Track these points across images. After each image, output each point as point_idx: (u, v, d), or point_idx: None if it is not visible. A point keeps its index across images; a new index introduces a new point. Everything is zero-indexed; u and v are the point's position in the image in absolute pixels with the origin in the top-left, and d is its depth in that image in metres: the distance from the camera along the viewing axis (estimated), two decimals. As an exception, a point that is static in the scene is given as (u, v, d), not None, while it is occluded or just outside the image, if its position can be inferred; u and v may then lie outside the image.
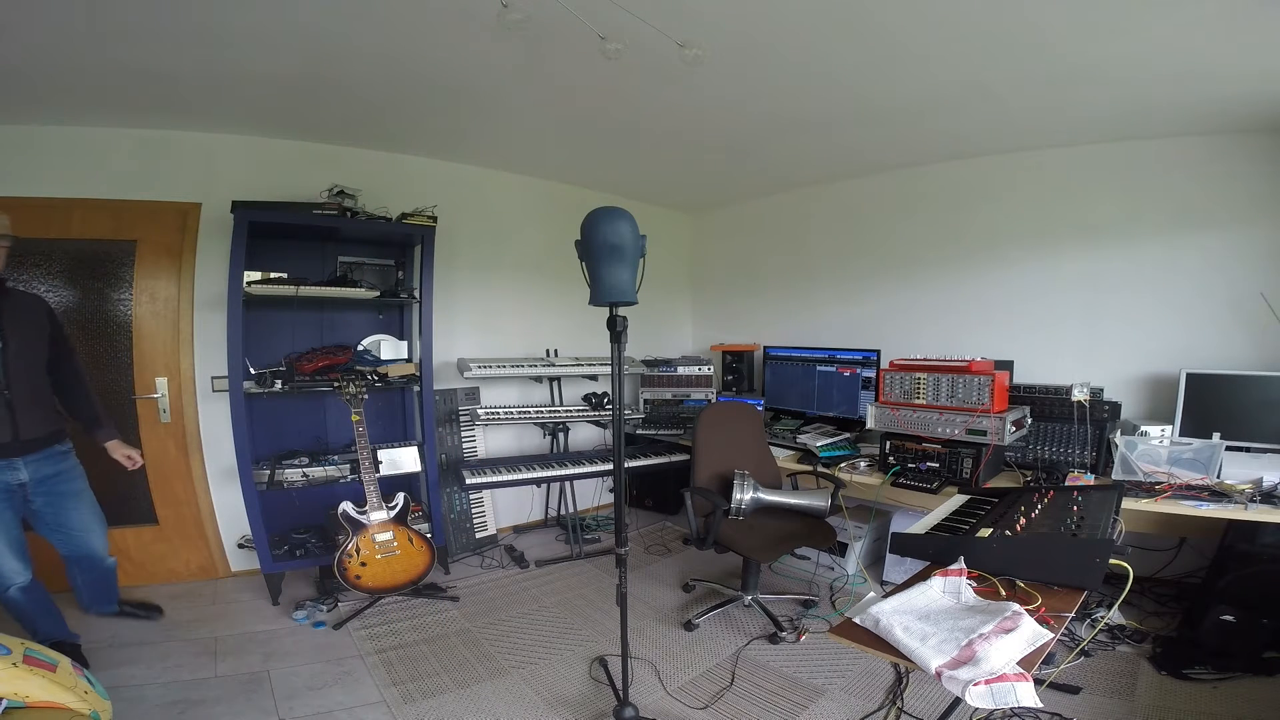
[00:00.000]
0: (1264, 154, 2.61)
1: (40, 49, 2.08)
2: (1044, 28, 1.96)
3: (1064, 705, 2.00)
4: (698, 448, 2.86)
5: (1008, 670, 1.03)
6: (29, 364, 2.09)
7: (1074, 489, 1.87)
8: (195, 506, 3.07)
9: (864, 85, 2.46)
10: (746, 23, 1.98)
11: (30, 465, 2.09)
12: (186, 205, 2.97)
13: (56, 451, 2.19)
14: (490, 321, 3.90)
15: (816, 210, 4.11)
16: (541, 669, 2.37)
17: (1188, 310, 2.79)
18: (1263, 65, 2.08)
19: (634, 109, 2.77)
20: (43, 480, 2.13)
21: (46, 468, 2.14)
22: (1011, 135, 3.00)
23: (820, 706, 2.10)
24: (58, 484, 2.18)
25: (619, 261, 1.71)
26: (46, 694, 1.52)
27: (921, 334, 3.56)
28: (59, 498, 2.19)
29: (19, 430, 2.03)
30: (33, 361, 2.11)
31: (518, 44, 2.12)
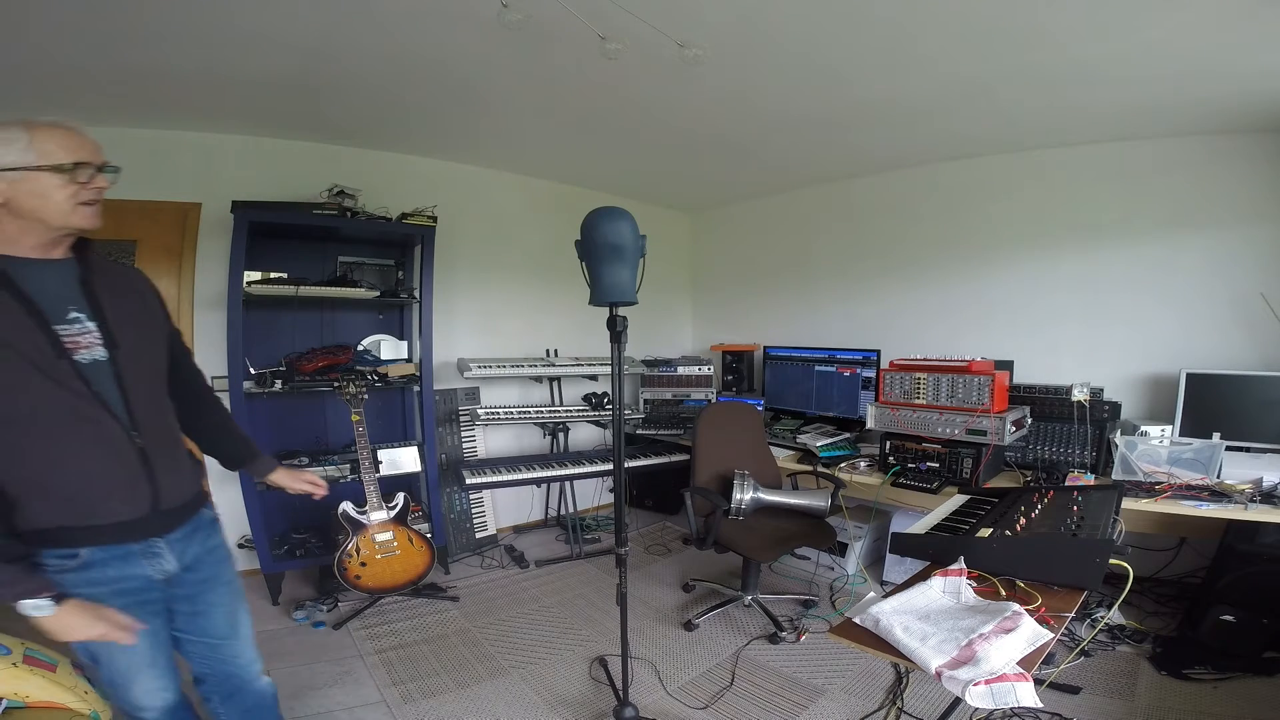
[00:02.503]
0: (1264, 154, 2.61)
1: (40, 49, 2.08)
2: (1044, 28, 1.96)
3: (1064, 705, 2.00)
4: (698, 448, 2.85)
5: (1008, 670, 1.03)
6: (151, 380, 1.29)
7: (1074, 489, 1.87)
8: (195, 506, 3.07)
9: (864, 85, 2.46)
10: (746, 22, 1.98)
11: (175, 546, 1.28)
12: (186, 205, 2.97)
13: (204, 520, 1.41)
14: (490, 321, 3.90)
15: (816, 210, 4.11)
16: (541, 669, 2.37)
17: (1188, 310, 2.79)
18: (1263, 64, 2.08)
19: (634, 109, 2.77)
20: (187, 568, 1.32)
21: (194, 547, 1.34)
22: (1011, 135, 3.00)
23: (820, 706, 2.10)
24: (204, 569, 1.36)
25: (619, 261, 1.71)
26: (46, 694, 1.52)
27: (922, 334, 3.56)
28: (204, 589, 1.36)
29: (160, 494, 1.23)
30: (155, 375, 1.31)
31: (518, 44, 2.12)
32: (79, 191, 1.11)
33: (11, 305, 1.07)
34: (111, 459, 1.17)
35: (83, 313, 1.16)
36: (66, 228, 1.13)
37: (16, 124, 1.08)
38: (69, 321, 1.13)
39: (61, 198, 1.10)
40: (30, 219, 1.09)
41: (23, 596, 1.04)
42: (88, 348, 1.14)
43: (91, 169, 1.13)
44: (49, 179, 1.08)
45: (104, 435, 1.15)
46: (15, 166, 1.06)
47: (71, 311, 1.15)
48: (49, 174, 1.08)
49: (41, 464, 1.10)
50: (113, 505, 1.17)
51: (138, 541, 1.21)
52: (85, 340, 1.14)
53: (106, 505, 1.16)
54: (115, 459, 1.17)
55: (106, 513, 1.16)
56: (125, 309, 1.24)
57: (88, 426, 1.14)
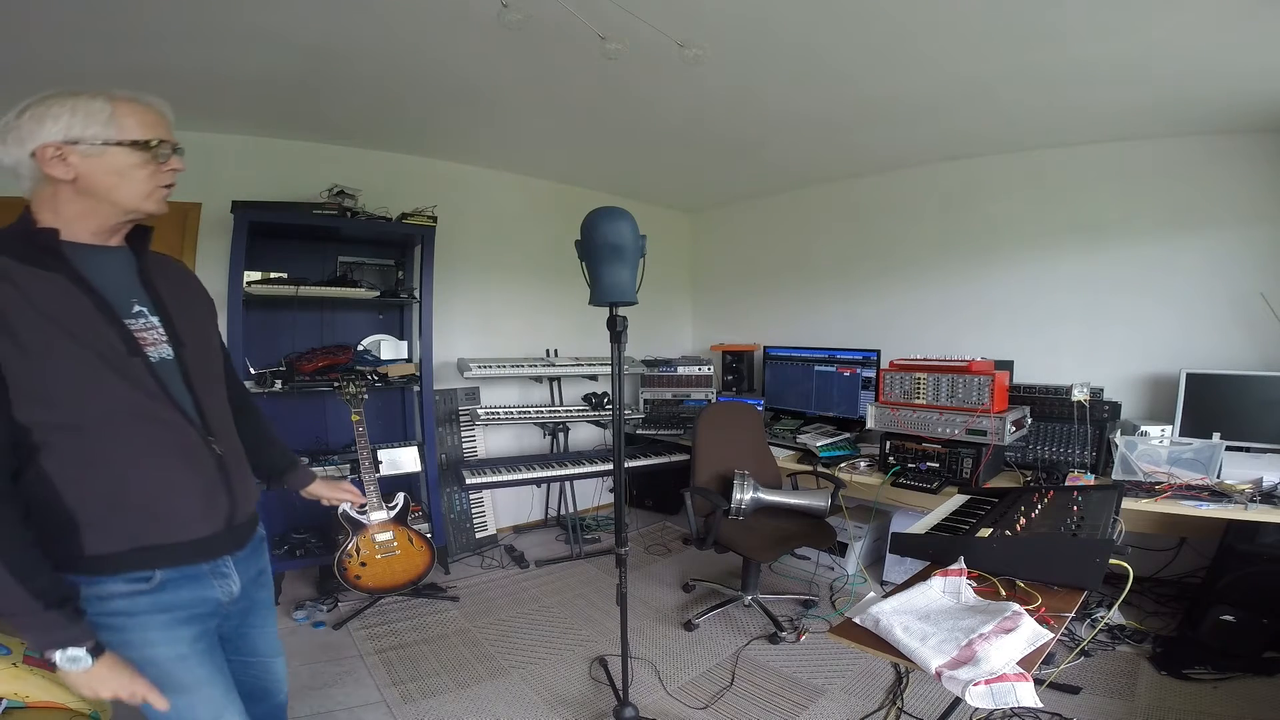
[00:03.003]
0: (1264, 154, 2.61)
1: (40, 49, 2.08)
2: (1045, 27, 1.96)
3: (1064, 705, 2.00)
4: (698, 448, 2.85)
5: (1008, 670, 1.03)
6: (216, 382, 1.16)
7: (1074, 489, 1.87)
8: (195, 506, 3.07)
9: (865, 84, 2.46)
10: (747, 21, 1.98)
11: (241, 566, 1.15)
12: (186, 205, 2.97)
13: (258, 538, 1.26)
14: (490, 321, 3.90)
15: (817, 210, 4.11)
16: (541, 669, 2.37)
17: (1187, 310, 2.79)
18: (1263, 64, 2.08)
19: (634, 109, 2.77)
20: (244, 588, 1.17)
21: (252, 566, 1.22)
22: (1011, 135, 3.00)
23: (820, 706, 2.10)
24: (255, 592, 1.23)
25: (619, 261, 1.71)
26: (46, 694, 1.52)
27: (921, 334, 3.56)
28: (252, 611, 1.24)
29: (236, 506, 1.12)
30: (217, 377, 1.18)
31: (518, 44, 2.12)
32: (156, 173, 1.02)
33: (80, 297, 0.95)
34: (190, 468, 1.04)
35: (145, 306, 1.05)
36: (137, 212, 1.03)
37: (100, 93, 1.00)
38: (134, 315, 1.03)
39: (140, 178, 1.01)
40: (101, 199, 0.99)
41: (59, 646, 0.89)
42: (154, 345, 1.03)
43: (169, 148, 1.04)
44: (129, 156, 0.99)
45: (182, 442, 1.03)
46: (95, 140, 0.97)
47: (135, 305, 1.04)
48: (130, 151, 0.99)
49: (116, 476, 0.96)
50: (192, 520, 1.04)
51: (209, 560, 1.07)
52: (151, 337, 1.04)
53: (186, 520, 1.03)
54: (194, 468, 1.04)
55: (185, 529, 1.03)
56: (184, 305, 1.13)
57: (165, 432, 1.01)
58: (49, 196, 0.97)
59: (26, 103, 0.98)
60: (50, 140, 0.94)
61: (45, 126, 0.95)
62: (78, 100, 0.98)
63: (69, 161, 0.95)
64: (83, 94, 0.99)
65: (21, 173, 0.97)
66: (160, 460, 1.00)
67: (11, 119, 0.97)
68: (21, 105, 0.98)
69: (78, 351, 0.93)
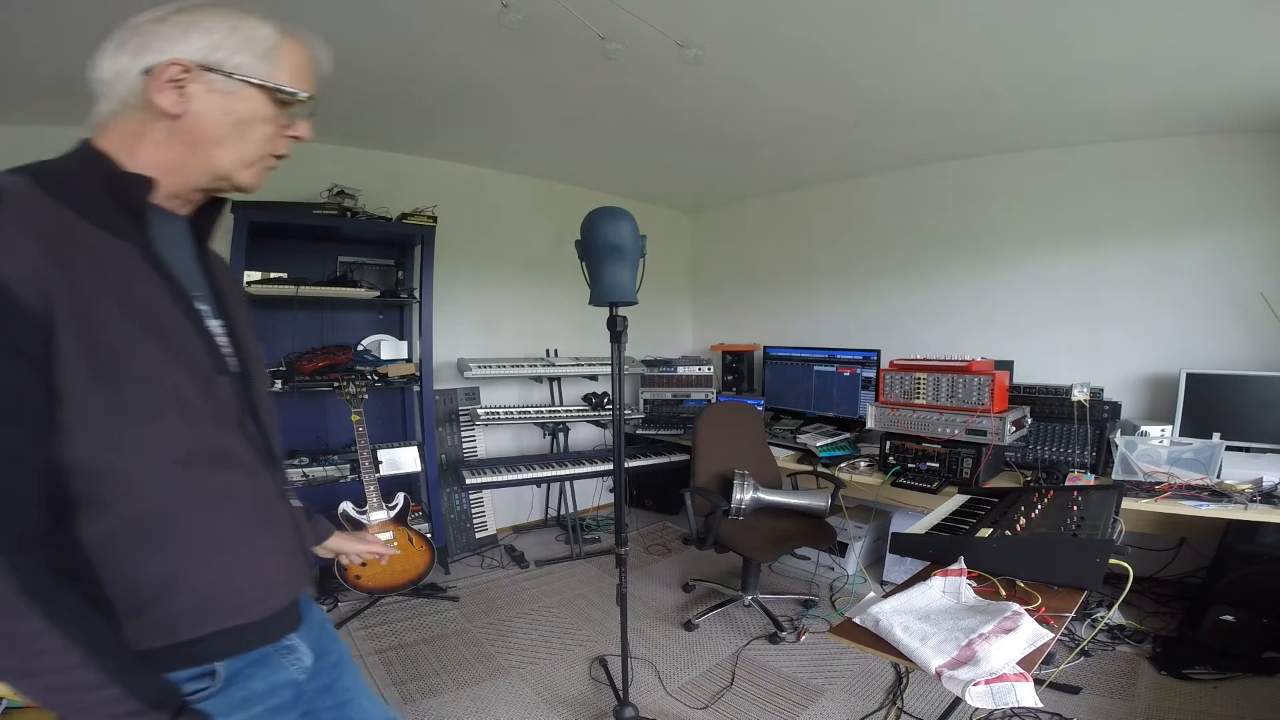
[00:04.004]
0: (1264, 154, 2.61)
1: (40, 49, 2.08)
2: (1046, 27, 1.96)
3: (1064, 705, 2.00)
4: (698, 448, 2.85)
5: (1008, 670, 1.03)
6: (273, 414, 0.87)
7: (1074, 489, 1.87)
8: (195, 506, 3.06)
9: (863, 85, 2.46)
10: (746, 22, 1.98)
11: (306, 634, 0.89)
12: (186, 205, 2.97)
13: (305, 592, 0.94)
14: (490, 321, 3.90)
15: (817, 210, 4.11)
16: (541, 669, 2.37)
17: (1187, 310, 2.79)
18: (1263, 64, 2.08)
19: (634, 109, 2.77)
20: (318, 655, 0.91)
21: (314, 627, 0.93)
22: (1012, 135, 3.00)
23: (820, 706, 2.10)
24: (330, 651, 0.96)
25: (619, 261, 1.72)
26: (46, 694, 1.52)
27: (922, 334, 3.56)
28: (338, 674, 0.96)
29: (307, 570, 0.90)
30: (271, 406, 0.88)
31: (518, 44, 2.12)
32: (275, 137, 0.78)
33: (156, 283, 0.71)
34: (269, 526, 0.80)
35: (208, 305, 0.79)
36: (228, 181, 0.77)
37: (266, 17, 0.76)
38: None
39: (256, 137, 0.76)
40: (195, 152, 0.73)
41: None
42: (227, 359, 0.78)
43: (309, 108, 0.80)
44: (262, 105, 0.75)
45: (260, 491, 0.79)
46: (237, 73, 0.72)
47: (198, 301, 0.77)
48: (267, 99, 0.75)
49: (183, 548, 0.70)
50: (270, 593, 0.79)
51: (273, 640, 0.81)
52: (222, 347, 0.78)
53: (262, 595, 0.78)
54: (272, 526, 0.80)
55: (258, 606, 0.77)
56: (236, 303, 0.85)
57: (242, 480, 0.76)
58: (130, 132, 0.72)
59: (177, 5, 0.73)
60: (182, 57, 0.70)
61: (189, 38, 0.71)
62: (243, 19, 0.74)
63: (187, 91, 0.70)
64: (251, 13, 0.75)
65: (113, 90, 0.71)
66: (236, 519, 0.75)
67: (148, 20, 0.72)
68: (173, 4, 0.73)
69: (161, 364, 0.67)
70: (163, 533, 0.68)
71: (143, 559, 0.67)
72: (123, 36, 0.72)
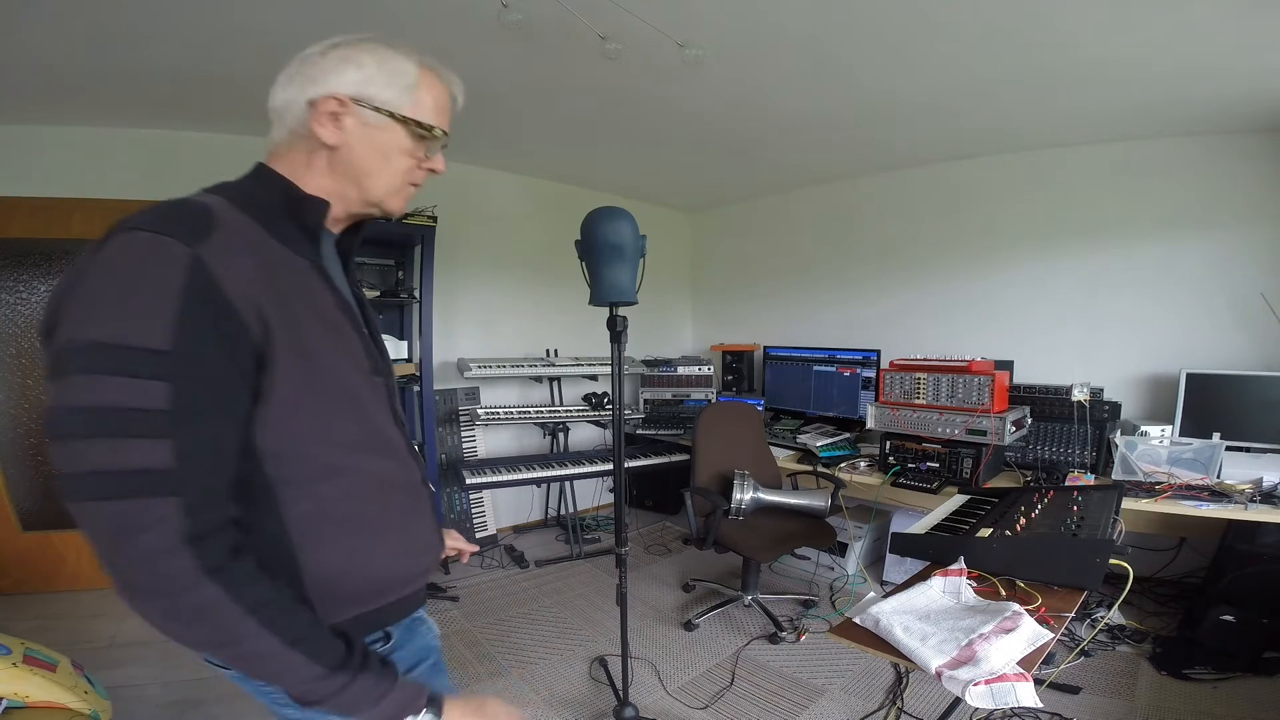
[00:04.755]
0: (1264, 154, 2.61)
1: (40, 49, 2.08)
2: (1045, 27, 1.96)
3: (1064, 705, 2.00)
4: (698, 448, 2.85)
5: (1008, 670, 1.03)
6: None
7: (1074, 489, 1.87)
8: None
9: (864, 84, 2.46)
10: (746, 22, 1.98)
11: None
12: (186, 205, 2.97)
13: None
14: (490, 321, 3.90)
15: (817, 210, 4.11)
16: (541, 669, 2.37)
17: (1187, 310, 2.79)
18: (1263, 64, 2.08)
19: (634, 109, 2.77)
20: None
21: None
22: (1012, 135, 3.00)
23: (820, 706, 2.10)
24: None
25: (619, 261, 1.71)
26: (46, 694, 1.52)
27: (922, 334, 3.56)
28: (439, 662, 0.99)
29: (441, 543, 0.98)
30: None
31: (518, 44, 2.12)
32: (415, 168, 0.84)
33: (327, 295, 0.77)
34: (420, 509, 0.88)
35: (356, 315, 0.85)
36: (378, 207, 0.84)
37: (411, 52, 0.81)
38: None
39: (400, 169, 0.82)
40: (350, 181, 0.80)
41: (407, 714, 0.71)
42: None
43: (443, 142, 0.86)
44: (404, 139, 0.80)
45: (411, 479, 0.86)
46: (385, 107, 0.78)
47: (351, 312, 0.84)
48: (408, 133, 0.80)
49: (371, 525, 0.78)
50: (426, 567, 0.89)
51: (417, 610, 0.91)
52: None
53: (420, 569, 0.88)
54: (423, 509, 0.89)
55: (418, 579, 0.88)
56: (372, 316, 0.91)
57: (400, 470, 0.84)
58: (299, 160, 0.78)
59: (338, 39, 0.80)
60: (340, 91, 0.76)
61: (346, 72, 0.77)
62: (387, 53, 0.80)
63: (342, 124, 0.76)
64: (396, 47, 0.81)
65: (283, 119, 0.78)
66: (401, 501, 0.83)
67: (315, 53, 0.79)
68: (332, 40, 0.80)
69: (342, 364, 0.76)
70: (350, 513, 0.76)
71: (335, 537, 0.74)
72: (293, 69, 0.78)
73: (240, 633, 0.62)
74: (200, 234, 0.63)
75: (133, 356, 0.58)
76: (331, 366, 0.73)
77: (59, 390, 0.59)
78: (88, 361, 0.58)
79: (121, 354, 0.58)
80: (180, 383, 0.60)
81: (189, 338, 0.60)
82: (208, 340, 0.62)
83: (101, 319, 0.58)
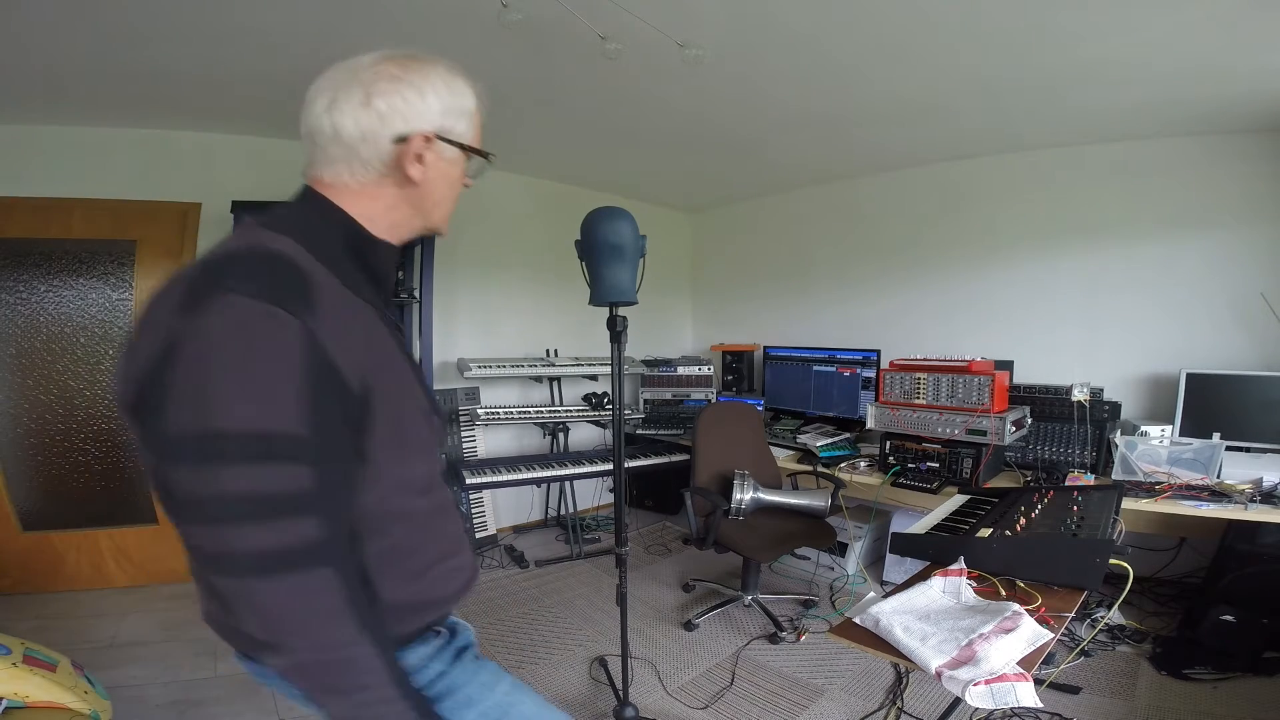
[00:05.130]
0: (1264, 154, 2.61)
1: (40, 49, 2.08)
2: (1046, 28, 1.96)
3: (1064, 705, 2.00)
4: (698, 448, 2.85)
5: (1008, 670, 1.03)
6: None
7: (1074, 489, 1.87)
8: (195, 506, 3.06)
9: (864, 84, 2.46)
10: (746, 21, 1.98)
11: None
12: (186, 205, 2.97)
13: None
14: (490, 321, 3.90)
15: (817, 210, 4.11)
16: (541, 669, 2.37)
17: (1187, 310, 2.79)
18: (1263, 64, 2.08)
19: (634, 109, 2.77)
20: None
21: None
22: (1012, 135, 3.00)
23: (820, 706, 2.10)
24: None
25: (619, 261, 1.71)
26: (46, 694, 1.52)
27: (922, 334, 3.56)
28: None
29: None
30: None
31: (518, 44, 2.12)
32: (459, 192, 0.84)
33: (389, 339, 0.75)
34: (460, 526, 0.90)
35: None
36: (429, 231, 0.84)
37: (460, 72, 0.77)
38: None
39: (458, 193, 0.83)
40: (417, 215, 0.79)
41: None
42: None
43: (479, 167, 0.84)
44: (462, 169, 0.80)
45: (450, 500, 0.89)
46: (459, 141, 0.76)
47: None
48: (469, 162, 0.80)
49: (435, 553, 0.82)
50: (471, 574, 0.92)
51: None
52: None
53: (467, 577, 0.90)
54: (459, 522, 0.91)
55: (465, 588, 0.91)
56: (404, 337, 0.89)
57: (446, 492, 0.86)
58: (369, 194, 0.74)
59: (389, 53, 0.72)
60: (427, 128, 0.73)
61: (427, 102, 0.72)
62: (453, 78, 0.75)
63: (424, 160, 0.74)
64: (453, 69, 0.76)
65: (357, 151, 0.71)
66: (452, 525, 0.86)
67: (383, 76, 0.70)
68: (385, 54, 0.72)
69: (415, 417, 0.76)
70: (416, 544, 0.78)
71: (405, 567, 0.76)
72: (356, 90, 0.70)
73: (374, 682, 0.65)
74: (305, 303, 0.61)
75: (273, 443, 0.58)
76: (407, 418, 0.74)
77: (200, 479, 0.58)
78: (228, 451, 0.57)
79: (261, 442, 0.58)
80: (318, 462, 0.61)
81: (318, 417, 0.60)
82: (333, 416, 0.63)
83: (229, 404, 0.57)
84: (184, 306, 0.59)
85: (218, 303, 0.58)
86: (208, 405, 0.57)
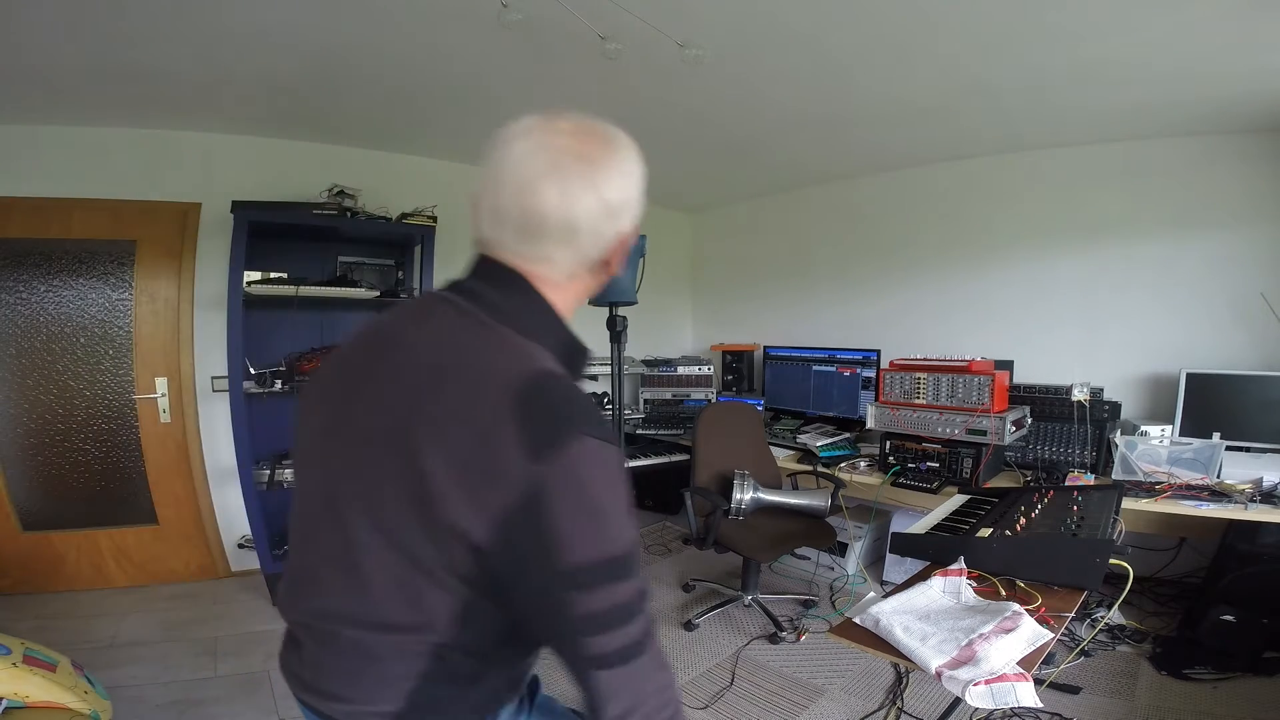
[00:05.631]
0: (1264, 154, 2.61)
1: (40, 49, 2.08)
2: (1046, 28, 1.96)
3: (1064, 705, 2.00)
4: (698, 448, 2.85)
5: (1008, 670, 1.03)
6: None
7: (1074, 489, 1.87)
8: (195, 506, 3.07)
9: (864, 85, 2.46)
10: (746, 22, 1.98)
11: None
12: (186, 205, 2.97)
13: None
14: (490, 321, 3.89)
15: (817, 210, 4.11)
16: (541, 669, 2.37)
17: (1187, 310, 2.79)
18: (1263, 64, 2.08)
19: (634, 109, 2.77)
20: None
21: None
22: (1011, 135, 3.00)
23: (820, 706, 2.10)
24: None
25: (619, 261, 1.71)
26: (46, 694, 1.52)
27: (922, 334, 3.56)
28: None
29: None
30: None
31: (518, 44, 2.12)
32: None
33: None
34: None
35: None
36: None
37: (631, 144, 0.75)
38: None
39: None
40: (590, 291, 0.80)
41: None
42: None
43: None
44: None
45: None
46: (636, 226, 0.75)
47: None
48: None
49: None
50: None
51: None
52: None
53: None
54: None
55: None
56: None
57: None
58: (573, 285, 0.75)
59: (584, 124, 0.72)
60: (635, 220, 0.73)
61: (632, 193, 0.73)
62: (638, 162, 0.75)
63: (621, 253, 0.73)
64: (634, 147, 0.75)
65: (579, 242, 0.69)
66: None
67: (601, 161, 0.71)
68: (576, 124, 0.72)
69: None
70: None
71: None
72: (580, 177, 0.68)
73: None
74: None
75: (635, 556, 0.67)
76: None
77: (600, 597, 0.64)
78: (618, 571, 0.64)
79: (633, 558, 0.66)
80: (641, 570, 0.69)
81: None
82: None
83: (620, 532, 0.65)
84: (538, 454, 0.60)
85: (576, 445, 0.61)
86: (606, 536, 0.64)
